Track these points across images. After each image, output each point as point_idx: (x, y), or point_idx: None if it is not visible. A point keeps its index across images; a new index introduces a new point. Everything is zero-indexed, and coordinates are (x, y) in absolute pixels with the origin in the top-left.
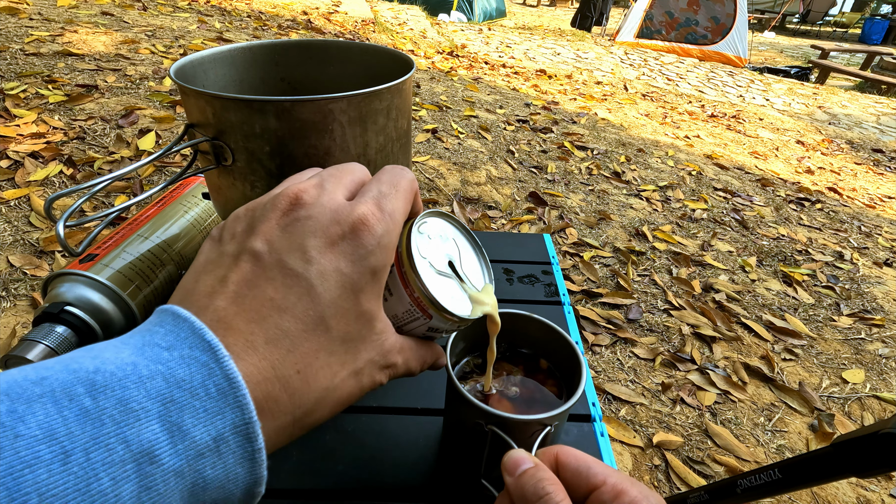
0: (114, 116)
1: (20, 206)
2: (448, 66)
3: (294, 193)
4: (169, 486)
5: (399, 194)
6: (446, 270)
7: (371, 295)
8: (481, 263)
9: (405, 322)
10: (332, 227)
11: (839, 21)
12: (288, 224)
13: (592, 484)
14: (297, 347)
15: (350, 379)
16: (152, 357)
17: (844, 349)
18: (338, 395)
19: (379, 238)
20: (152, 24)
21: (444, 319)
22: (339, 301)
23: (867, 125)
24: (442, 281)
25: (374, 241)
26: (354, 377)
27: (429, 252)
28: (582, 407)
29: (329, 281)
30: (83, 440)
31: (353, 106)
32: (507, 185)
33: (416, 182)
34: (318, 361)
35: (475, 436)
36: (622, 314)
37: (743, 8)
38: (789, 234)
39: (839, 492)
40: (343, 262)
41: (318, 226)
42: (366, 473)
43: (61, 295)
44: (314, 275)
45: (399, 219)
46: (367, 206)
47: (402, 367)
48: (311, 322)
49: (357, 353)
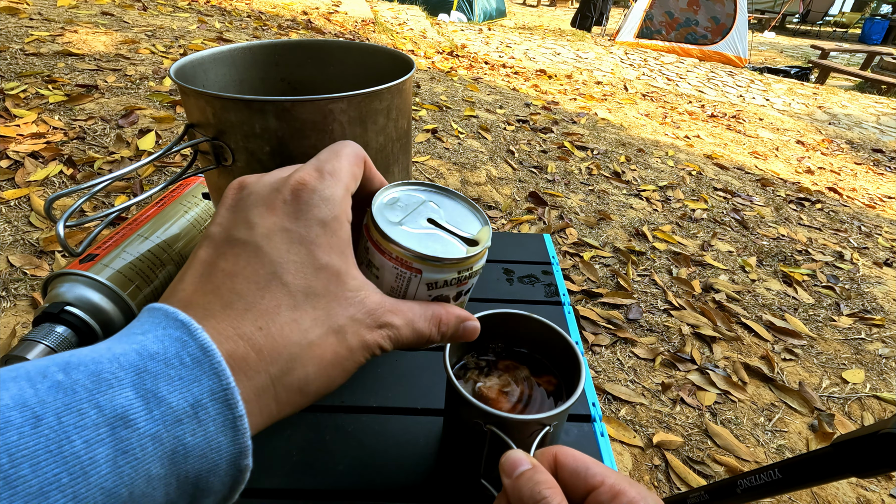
0: (114, 116)
1: (20, 206)
2: (448, 66)
3: (239, 181)
4: (146, 450)
5: (339, 158)
6: (427, 227)
7: (327, 248)
8: (472, 212)
9: (402, 289)
10: (271, 195)
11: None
12: (233, 204)
13: (591, 485)
14: (255, 306)
15: (330, 336)
16: (127, 340)
17: (844, 349)
18: (319, 353)
19: (320, 193)
20: (152, 24)
21: (437, 268)
22: (290, 255)
23: (867, 125)
24: (421, 236)
25: (314, 197)
26: (335, 335)
27: (400, 216)
28: (582, 407)
29: (275, 239)
30: (55, 406)
31: (353, 106)
32: (507, 185)
33: (362, 150)
34: (280, 317)
35: (474, 436)
36: (622, 314)
37: (743, 8)
38: (789, 234)
39: (839, 492)
40: (286, 220)
41: (259, 198)
42: (366, 473)
43: (61, 295)
44: (259, 237)
45: (343, 176)
46: (304, 171)
47: (407, 329)
48: (263, 280)
49: (330, 309)
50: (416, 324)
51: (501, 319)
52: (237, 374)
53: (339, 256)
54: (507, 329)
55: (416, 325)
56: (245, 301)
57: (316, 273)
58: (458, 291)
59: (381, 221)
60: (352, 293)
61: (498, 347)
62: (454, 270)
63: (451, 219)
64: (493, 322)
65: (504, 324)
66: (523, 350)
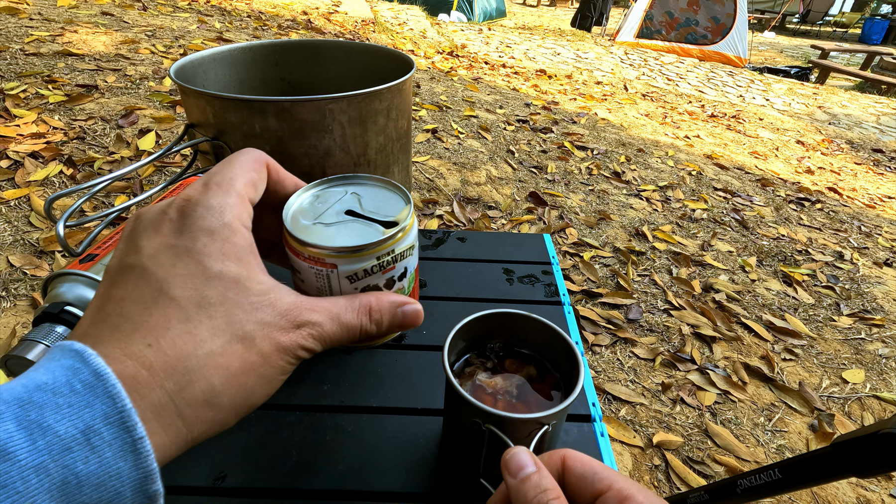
0: (114, 116)
1: (20, 206)
2: (448, 66)
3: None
4: (30, 483)
5: (231, 166)
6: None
7: (219, 256)
8: (396, 194)
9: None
10: (158, 217)
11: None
12: (126, 235)
13: (598, 489)
14: (142, 324)
15: (234, 344)
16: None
17: (844, 349)
18: (223, 362)
19: (204, 204)
20: (152, 24)
21: (351, 258)
22: (177, 269)
23: (867, 125)
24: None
25: (199, 209)
26: (241, 342)
27: (316, 214)
28: (582, 407)
29: (160, 257)
30: None
31: (353, 106)
32: (507, 185)
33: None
34: (171, 331)
35: (473, 435)
36: (622, 314)
37: (743, 8)
38: (789, 234)
39: (839, 492)
40: (171, 237)
41: (147, 223)
42: (366, 473)
43: (61, 295)
44: (146, 258)
45: (235, 183)
46: (191, 188)
47: (332, 324)
48: (149, 299)
49: (231, 316)
50: (343, 317)
51: (501, 319)
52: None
53: (236, 262)
54: (507, 329)
55: (343, 319)
56: (132, 322)
57: (208, 282)
58: (389, 279)
59: (290, 224)
60: (257, 297)
61: (498, 347)
62: (372, 257)
63: (372, 205)
64: (493, 322)
65: (504, 324)
66: (523, 350)
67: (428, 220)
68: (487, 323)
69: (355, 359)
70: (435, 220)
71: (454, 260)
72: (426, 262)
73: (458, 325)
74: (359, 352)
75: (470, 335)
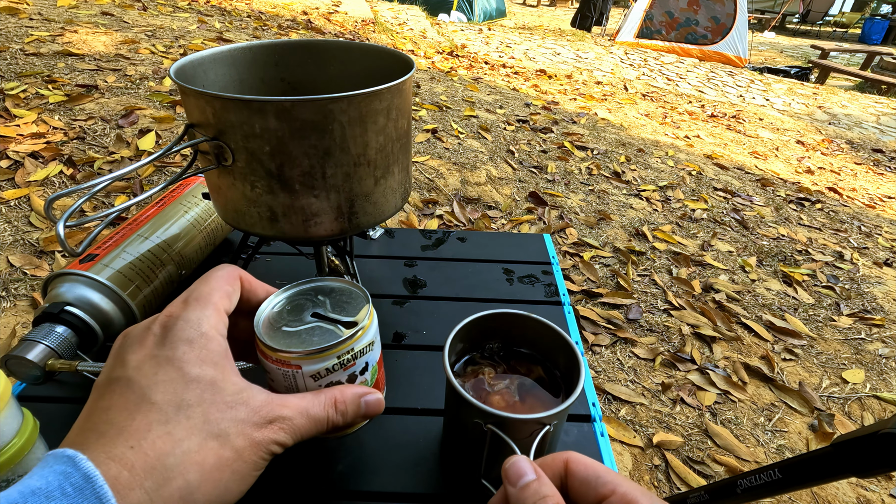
0: (114, 116)
1: (20, 206)
2: (448, 66)
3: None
4: None
5: (208, 282)
6: (309, 321)
7: (197, 362)
8: (357, 294)
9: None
10: (143, 333)
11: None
12: (114, 352)
13: (601, 494)
14: (125, 429)
15: (210, 441)
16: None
17: (844, 349)
18: (199, 459)
19: (184, 318)
20: (152, 24)
21: (312, 359)
22: (158, 377)
23: (867, 125)
24: (301, 332)
25: (179, 322)
26: (216, 439)
27: (285, 319)
28: (582, 407)
29: (144, 368)
30: None
31: (354, 106)
32: (507, 185)
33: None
34: (152, 433)
35: (474, 435)
36: (622, 314)
37: (743, 8)
38: (789, 234)
39: (839, 492)
40: (154, 349)
41: (133, 339)
42: (366, 473)
43: (61, 295)
44: (131, 370)
45: (212, 298)
46: (172, 306)
47: (302, 418)
48: (132, 405)
49: (207, 415)
50: (311, 411)
51: (501, 319)
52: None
53: (213, 367)
54: (507, 329)
55: (312, 412)
56: (116, 427)
57: (187, 386)
58: (351, 374)
59: (260, 330)
60: (231, 397)
61: (498, 348)
62: (332, 357)
63: (335, 306)
64: (492, 322)
65: (504, 324)
66: (523, 350)
67: (428, 220)
68: (487, 323)
69: None
70: (435, 220)
71: (454, 260)
72: (426, 261)
73: (459, 326)
74: None
75: (470, 335)
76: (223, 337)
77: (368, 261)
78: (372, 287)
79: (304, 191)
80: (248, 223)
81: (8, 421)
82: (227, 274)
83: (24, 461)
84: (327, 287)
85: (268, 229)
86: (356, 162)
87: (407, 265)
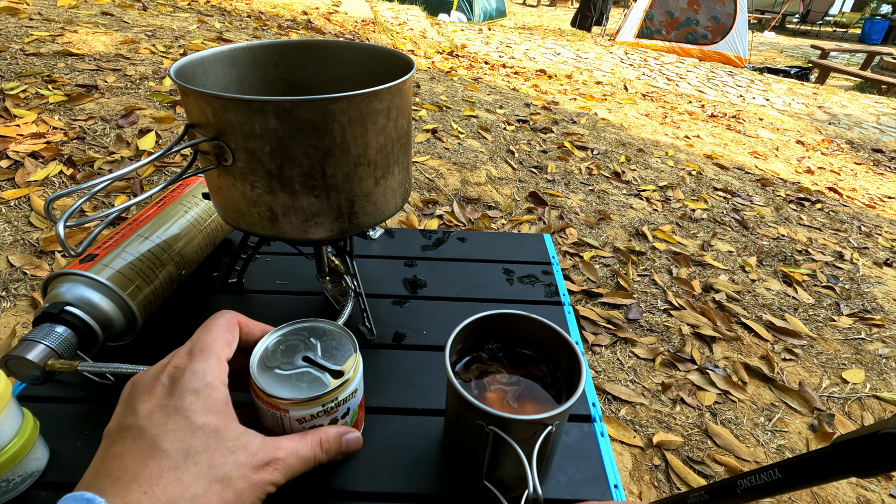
0: (114, 116)
1: (20, 206)
2: (448, 66)
3: (131, 380)
4: None
5: (210, 332)
6: (300, 366)
7: (202, 411)
8: (347, 341)
9: (279, 426)
10: (152, 383)
11: (839, 21)
12: (124, 400)
13: None
14: (139, 475)
15: (214, 485)
16: None
17: (844, 349)
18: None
19: (191, 369)
20: (152, 24)
21: (300, 406)
22: (168, 426)
23: (867, 125)
24: (291, 377)
25: (186, 374)
26: (220, 483)
27: (278, 360)
28: (582, 407)
29: (155, 416)
30: None
31: (354, 106)
32: (507, 185)
33: (234, 316)
34: (163, 479)
35: (476, 436)
36: (622, 314)
37: (743, 8)
38: (789, 234)
39: (839, 492)
40: (163, 398)
41: (142, 388)
42: (366, 474)
43: (61, 295)
44: (142, 418)
45: (214, 348)
46: (178, 356)
47: (293, 458)
48: (146, 452)
49: (212, 461)
50: (301, 451)
51: (501, 319)
52: None
53: (216, 415)
54: (507, 329)
55: (301, 453)
56: (131, 473)
57: (194, 434)
58: (332, 420)
59: (254, 372)
60: (232, 442)
61: (498, 348)
62: (318, 405)
63: (325, 352)
64: (493, 322)
65: (504, 324)
66: (523, 350)
67: (428, 220)
68: (488, 324)
69: None
70: (435, 220)
71: (454, 260)
72: (426, 262)
73: (459, 327)
74: None
75: (471, 336)
76: (225, 385)
77: (368, 261)
78: (372, 287)
79: (305, 191)
80: (248, 223)
81: (8, 421)
82: (226, 322)
83: (25, 461)
84: (320, 329)
85: (268, 229)
86: (356, 162)
87: (407, 265)
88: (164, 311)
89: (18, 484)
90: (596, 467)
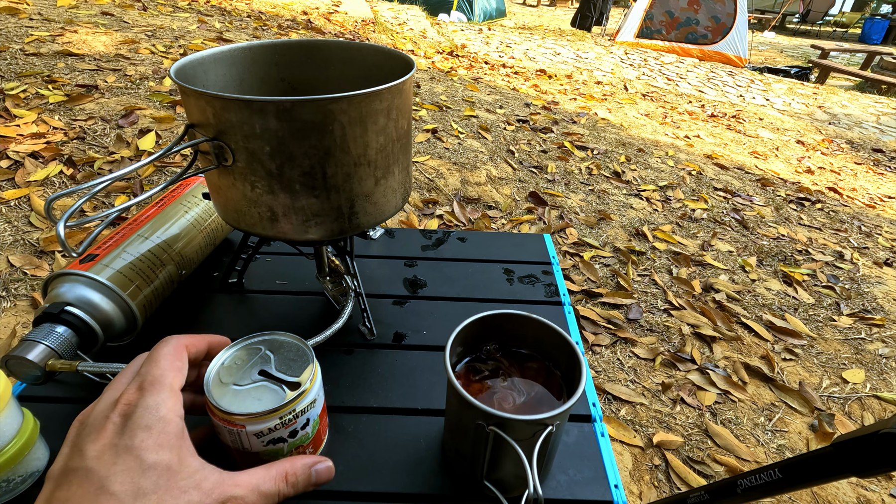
0: (114, 116)
1: (20, 206)
2: (448, 66)
3: (78, 418)
4: None
5: (157, 363)
6: (256, 380)
7: (154, 448)
8: (304, 351)
9: (238, 443)
10: (102, 422)
11: (839, 21)
12: (71, 440)
13: None
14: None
15: None
16: None
17: (844, 349)
18: None
19: (143, 405)
20: (152, 24)
21: (256, 420)
22: (117, 467)
23: (867, 125)
24: (247, 391)
25: (138, 410)
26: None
27: (233, 376)
28: (582, 407)
29: (104, 457)
30: None
31: (354, 106)
32: (507, 185)
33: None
34: None
35: (476, 436)
36: (622, 314)
37: (743, 7)
38: (789, 233)
39: (839, 492)
40: (114, 437)
41: (91, 428)
42: (366, 474)
43: (62, 295)
44: (90, 459)
45: (165, 379)
46: (127, 392)
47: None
48: (91, 496)
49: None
50: (262, 487)
51: (501, 319)
52: None
53: (169, 451)
54: (507, 329)
55: (263, 489)
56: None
57: (144, 474)
58: (291, 431)
59: (209, 390)
60: (185, 481)
61: (498, 348)
62: (275, 418)
63: (281, 364)
64: (493, 322)
65: (504, 324)
66: (523, 350)
67: (428, 220)
68: (488, 324)
69: (355, 359)
70: (435, 220)
71: (454, 260)
72: (426, 261)
73: (460, 327)
74: (359, 351)
75: (471, 336)
76: (180, 417)
77: (368, 261)
78: (372, 287)
79: (305, 191)
80: (249, 223)
81: (8, 421)
82: (173, 349)
83: (25, 461)
84: (276, 342)
85: (268, 229)
86: (356, 162)
87: (407, 265)
88: (164, 311)
89: (19, 484)
90: (596, 467)
